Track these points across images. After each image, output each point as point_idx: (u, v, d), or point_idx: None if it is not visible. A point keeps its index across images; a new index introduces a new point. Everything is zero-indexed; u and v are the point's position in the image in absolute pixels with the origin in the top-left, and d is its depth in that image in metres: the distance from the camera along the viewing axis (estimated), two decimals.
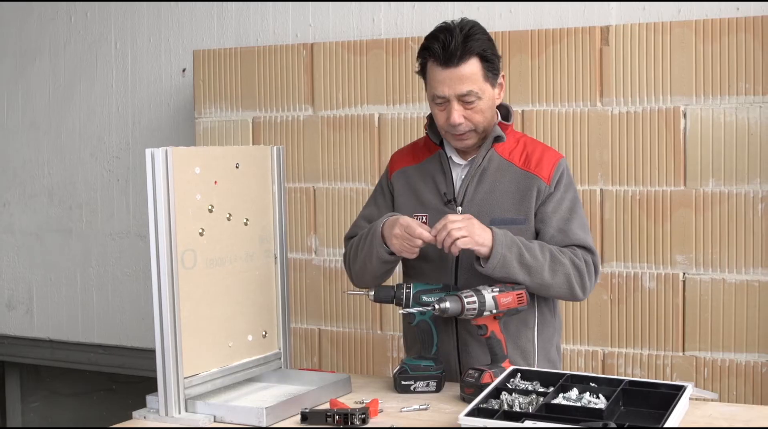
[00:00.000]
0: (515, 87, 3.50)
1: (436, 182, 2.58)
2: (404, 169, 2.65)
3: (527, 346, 2.54)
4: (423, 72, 2.53)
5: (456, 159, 2.57)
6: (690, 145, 3.30)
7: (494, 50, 2.49)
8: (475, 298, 2.34)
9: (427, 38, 2.49)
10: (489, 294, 2.35)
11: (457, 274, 2.51)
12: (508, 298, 2.37)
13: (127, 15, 4.57)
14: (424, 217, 2.54)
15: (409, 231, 2.39)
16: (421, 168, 2.62)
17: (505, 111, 2.62)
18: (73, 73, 4.74)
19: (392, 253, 2.45)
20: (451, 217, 2.36)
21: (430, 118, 2.58)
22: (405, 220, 2.41)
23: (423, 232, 2.38)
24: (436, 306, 2.34)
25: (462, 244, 2.34)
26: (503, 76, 2.55)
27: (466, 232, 2.34)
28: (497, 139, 2.53)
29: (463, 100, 2.45)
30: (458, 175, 2.57)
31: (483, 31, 2.49)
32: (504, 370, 2.33)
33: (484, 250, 2.37)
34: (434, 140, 2.59)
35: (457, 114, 2.45)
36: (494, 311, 2.35)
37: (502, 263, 2.36)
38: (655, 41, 3.33)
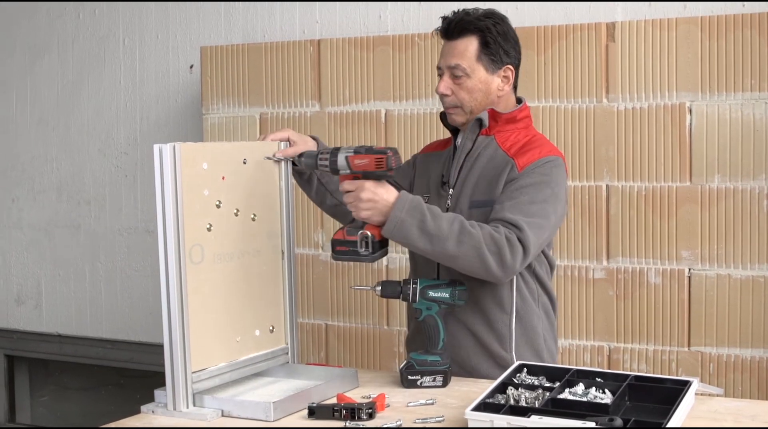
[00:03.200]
0: (521, 83, 3.47)
1: (443, 166, 2.66)
2: (429, 154, 2.79)
3: (503, 331, 2.55)
4: None
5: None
6: (696, 141, 3.30)
7: (500, 40, 2.55)
8: (327, 156, 2.38)
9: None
10: (343, 154, 2.36)
11: (439, 265, 2.55)
12: (364, 161, 2.35)
13: (134, 12, 4.59)
14: (426, 198, 2.60)
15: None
16: (440, 154, 2.73)
17: (519, 104, 2.66)
18: (81, 70, 4.75)
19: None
20: (362, 195, 2.35)
21: None
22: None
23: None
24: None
25: (368, 219, 2.38)
26: (511, 70, 2.59)
27: (370, 211, 2.37)
28: (480, 123, 2.57)
29: (453, 73, 2.55)
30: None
31: (498, 20, 2.57)
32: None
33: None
34: (448, 127, 2.69)
35: (444, 85, 2.57)
36: (348, 171, 2.36)
37: (399, 227, 2.35)
38: (661, 38, 3.33)
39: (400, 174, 2.80)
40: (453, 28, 2.55)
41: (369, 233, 2.38)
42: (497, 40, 2.54)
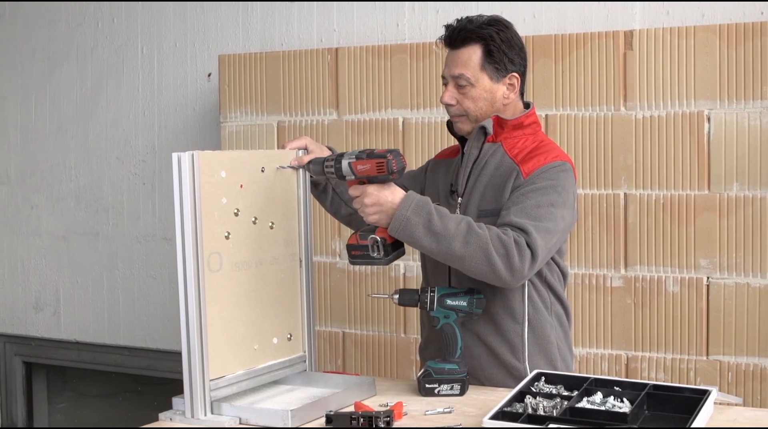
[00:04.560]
0: (539, 91, 3.50)
1: (452, 174, 2.66)
2: (439, 161, 2.78)
3: (515, 340, 2.54)
4: None
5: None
6: (714, 149, 3.29)
7: (504, 47, 2.53)
8: (332, 163, 2.39)
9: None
10: (347, 160, 2.37)
11: (450, 271, 2.55)
12: (366, 166, 2.35)
13: (153, 20, 4.60)
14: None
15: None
16: (450, 162, 2.72)
17: (527, 110, 2.63)
18: (99, 78, 4.78)
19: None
20: (366, 200, 2.35)
21: None
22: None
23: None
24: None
25: (377, 223, 2.38)
26: (517, 78, 2.57)
27: (377, 215, 2.36)
28: (485, 131, 2.55)
29: (457, 82, 2.55)
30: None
31: (502, 27, 2.55)
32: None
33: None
34: (455, 135, 2.68)
35: (448, 94, 2.57)
36: (353, 177, 2.36)
37: (404, 226, 2.33)
38: (679, 45, 3.32)
39: (413, 179, 2.80)
40: (456, 36, 2.54)
41: (378, 237, 2.38)
42: (501, 48, 2.52)
